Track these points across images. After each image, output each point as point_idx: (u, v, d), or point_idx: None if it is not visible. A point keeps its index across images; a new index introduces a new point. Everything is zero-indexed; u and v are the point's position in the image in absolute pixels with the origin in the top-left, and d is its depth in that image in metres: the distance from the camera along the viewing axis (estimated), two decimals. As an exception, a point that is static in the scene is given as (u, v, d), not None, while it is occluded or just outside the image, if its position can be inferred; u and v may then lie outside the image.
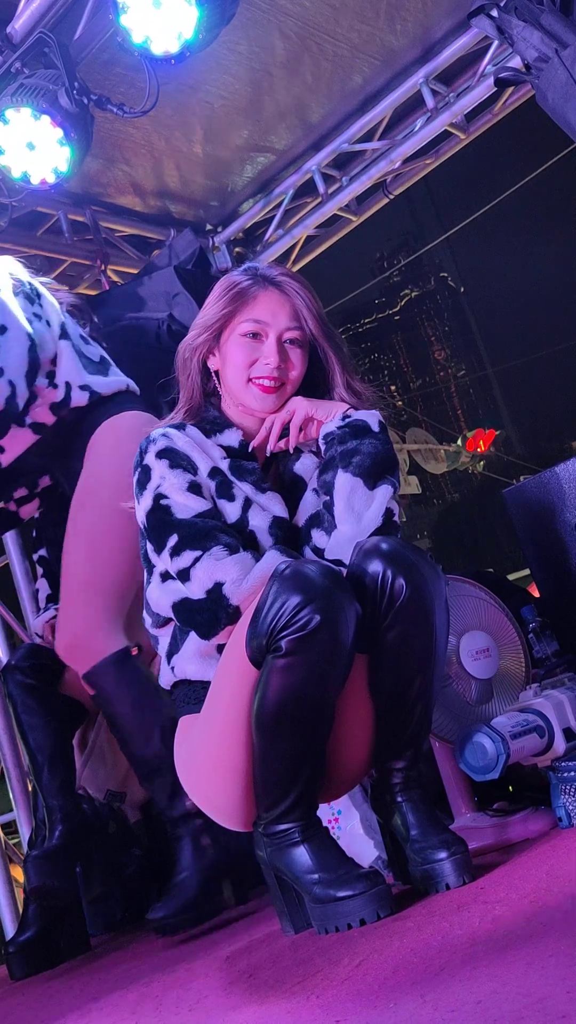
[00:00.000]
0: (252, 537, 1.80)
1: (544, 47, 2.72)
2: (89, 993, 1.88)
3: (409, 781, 1.72)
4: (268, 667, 1.55)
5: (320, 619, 1.52)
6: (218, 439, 1.90)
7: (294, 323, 1.90)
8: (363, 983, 1.19)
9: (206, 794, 1.75)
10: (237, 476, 1.85)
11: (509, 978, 1.00)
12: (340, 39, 3.72)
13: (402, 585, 1.63)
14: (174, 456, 1.82)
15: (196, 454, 1.84)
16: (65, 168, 3.30)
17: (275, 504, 1.86)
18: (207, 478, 1.83)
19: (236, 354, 1.89)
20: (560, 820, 1.77)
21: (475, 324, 53.29)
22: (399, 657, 1.67)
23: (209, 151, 4.16)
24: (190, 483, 1.80)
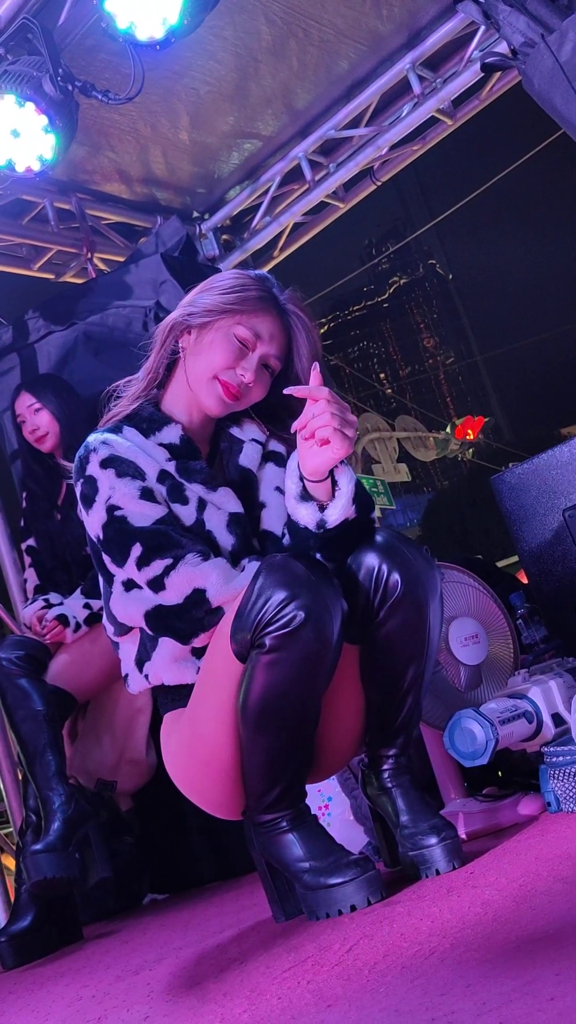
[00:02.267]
0: (210, 538, 1.77)
1: (530, 32, 2.71)
2: (81, 981, 1.89)
3: (399, 768, 1.73)
4: (253, 663, 1.55)
5: (304, 616, 1.50)
6: (158, 437, 1.85)
7: (278, 351, 1.87)
8: (353, 968, 1.19)
9: (196, 786, 1.75)
10: (186, 477, 1.81)
11: (498, 961, 1.01)
12: (326, 24, 3.70)
13: (397, 581, 1.63)
14: (119, 464, 1.77)
15: (141, 459, 1.80)
16: (50, 156, 3.27)
17: (229, 500, 1.81)
18: (156, 483, 1.79)
19: (219, 349, 1.84)
20: (549, 805, 1.78)
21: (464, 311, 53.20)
22: (391, 651, 1.67)
23: (195, 137, 4.14)
24: (142, 490, 1.76)
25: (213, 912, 2.21)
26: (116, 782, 2.86)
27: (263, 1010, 1.16)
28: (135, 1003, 1.48)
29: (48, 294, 4.03)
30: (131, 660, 1.82)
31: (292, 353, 1.89)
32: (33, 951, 2.44)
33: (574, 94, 2.66)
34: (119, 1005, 1.51)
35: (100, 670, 2.81)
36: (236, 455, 1.91)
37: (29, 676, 2.64)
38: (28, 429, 3.10)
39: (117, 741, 2.87)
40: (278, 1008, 1.14)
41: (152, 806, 2.94)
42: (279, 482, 1.87)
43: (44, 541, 3.07)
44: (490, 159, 45.94)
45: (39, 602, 2.89)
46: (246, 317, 1.84)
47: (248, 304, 1.85)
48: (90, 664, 2.79)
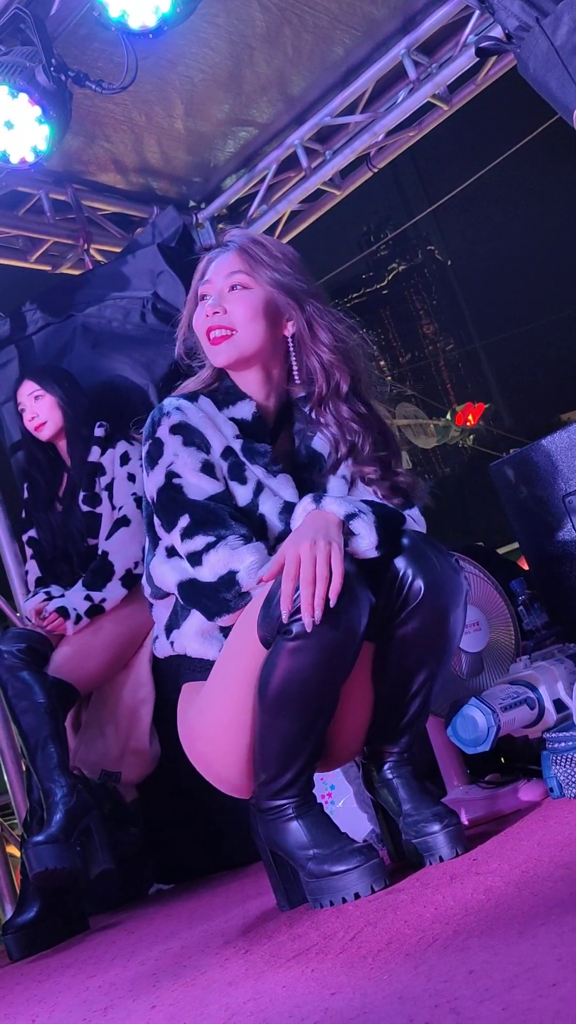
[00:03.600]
0: (261, 521, 1.77)
1: (525, 16, 2.69)
2: (87, 971, 1.89)
3: (400, 761, 1.73)
4: (277, 647, 1.55)
5: (333, 605, 1.51)
6: (231, 411, 1.85)
7: (234, 268, 1.86)
8: (357, 956, 1.20)
9: (207, 761, 1.75)
10: (249, 457, 1.81)
11: (501, 947, 1.01)
12: (320, 10, 3.68)
13: (420, 587, 1.62)
14: (188, 432, 1.78)
15: (210, 431, 1.80)
16: (44, 147, 3.25)
17: (286, 488, 1.80)
18: (219, 458, 1.79)
19: (194, 318, 1.88)
20: (551, 791, 1.78)
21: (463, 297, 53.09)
22: (406, 654, 1.67)
23: (190, 126, 4.12)
24: (203, 463, 1.76)
25: (218, 901, 2.22)
26: (120, 773, 2.86)
27: (267, 998, 1.16)
28: (141, 993, 1.49)
29: (45, 286, 4.02)
30: (162, 624, 1.84)
31: (253, 262, 1.86)
32: (39, 942, 2.45)
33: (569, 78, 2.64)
34: (125, 995, 1.52)
35: (102, 661, 2.82)
36: (311, 438, 1.90)
37: (30, 668, 2.64)
38: (28, 417, 3.10)
39: (121, 732, 2.88)
40: (282, 996, 1.15)
41: (157, 796, 2.95)
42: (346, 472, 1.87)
43: (45, 532, 3.07)
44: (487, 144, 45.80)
45: (40, 595, 2.89)
46: (200, 276, 1.90)
47: (201, 266, 1.90)
48: (92, 655, 2.79)
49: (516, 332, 46.07)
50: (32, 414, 3.08)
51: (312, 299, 1.87)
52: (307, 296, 1.87)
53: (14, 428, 3.52)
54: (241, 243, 1.88)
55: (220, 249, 1.91)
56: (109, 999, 1.54)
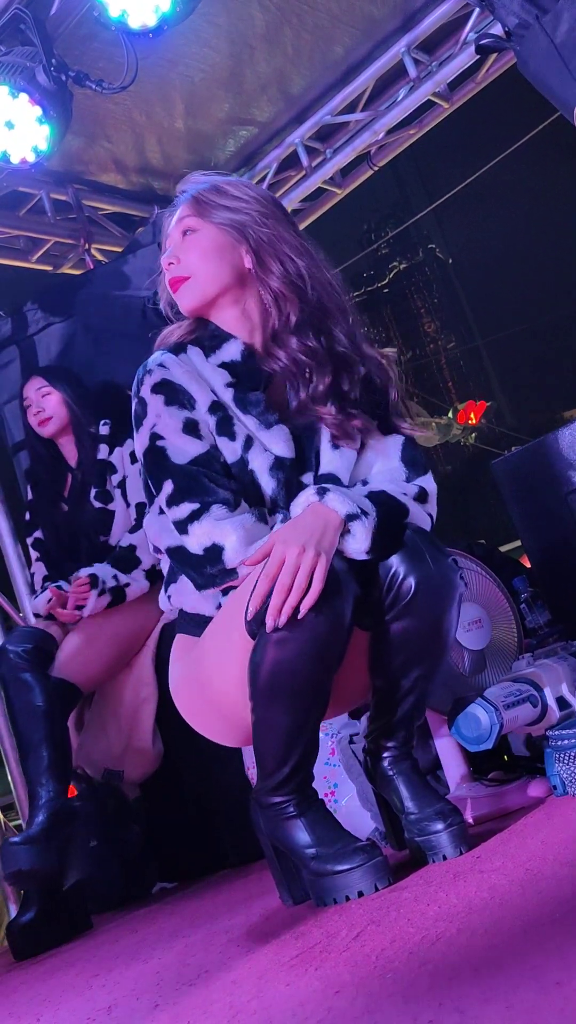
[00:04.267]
0: (252, 478, 1.73)
1: (525, 13, 2.69)
2: (90, 971, 1.89)
3: (399, 756, 1.73)
4: (263, 638, 1.54)
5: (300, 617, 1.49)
6: (219, 355, 1.79)
7: (183, 215, 1.85)
8: (361, 954, 1.20)
9: (197, 716, 1.78)
10: (241, 408, 1.75)
11: (505, 946, 1.01)
12: (320, 9, 3.68)
13: (411, 586, 1.60)
14: (170, 391, 1.74)
15: (195, 385, 1.75)
16: (45, 147, 3.26)
17: (279, 441, 1.75)
18: (207, 413, 1.75)
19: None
20: (555, 788, 1.78)
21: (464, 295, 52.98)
22: (397, 650, 1.65)
23: (191, 126, 4.12)
24: (185, 422, 1.72)
25: (221, 900, 2.22)
26: (123, 771, 2.87)
27: (271, 997, 1.16)
28: (144, 992, 1.49)
29: (46, 285, 4.02)
30: (165, 577, 1.83)
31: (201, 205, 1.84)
32: (43, 942, 2.45)
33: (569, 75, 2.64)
34: (128, 994, 1.52)
35: (105, 660, 2.82)
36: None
37: (34, 670, 2.64)
38: (33, 411, 3.11)
39: (123, 730, 2.88)
40: (286, 995, 1.15)
41: (160, 795, 2.95)
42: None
43: (50, 531, 3.08)
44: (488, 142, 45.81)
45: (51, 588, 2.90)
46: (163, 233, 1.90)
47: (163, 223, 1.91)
48: (95, 654, 2.80)
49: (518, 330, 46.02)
50: (38, 408, 3.10)
51: (261, 227, 1.81)
52: (255, 224, 1.81)
53: (16, 429, 3.53)
54: (194, 190, 1.87)
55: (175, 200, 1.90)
56: (113, 998, 1.54)
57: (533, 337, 45.73)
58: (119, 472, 3.02)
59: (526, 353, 46.69)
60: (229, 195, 1.84)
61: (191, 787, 2.86)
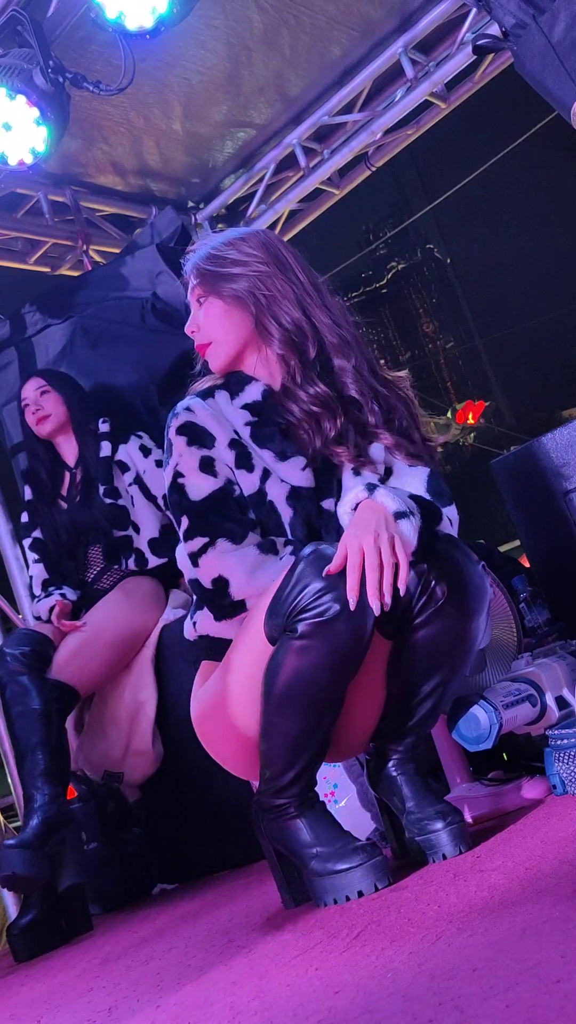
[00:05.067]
0: (271, 508, 1.79)
1: (521, 13, 2.70)
2: (91, 971, 1.90)
3: (405, 759, 1.73)
4: (283, 646, 1.56)
5: (339, 608, 1.52)
6: (242, 398, 1.88)
7: (192, 285, 1.96)
8: (361, 954, 1.20)
9: (216, 743, 1.78)
10: (259, 442, 1.83)
11: (504, 944, 1.01)
12: (317, 10, 3.68)
13: (444, 591, 1.62)
14: (192, 432, 1.83)
15: (218, 425, 1.84)
16: (43, 148, 3.26)
17: (295, 472, 1.81)
18: (226, 449, 1.82)
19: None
20: (554, 787, 1.78)
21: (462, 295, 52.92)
22: (421, 656, 1.66)
23: (188, 127, 4.12)
24: (202, 460, 1.80)
25: (222, 900, 2.22)
26: (123, 773, 2.87)
27: (271, 997, 1.16)
28: (145, 993, 1.49)
29: (44, 287, 4.02)
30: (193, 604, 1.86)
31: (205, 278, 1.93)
32: (44, 943, 2.45)
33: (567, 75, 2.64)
34: (129, 995, 1.52)
35: (104, 662, 2.82)
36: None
37: (31, 672, 2.65)
38: (31, 411, 3.12)
39: (123, 732, 2.88)
40: (286, 995, 1.15)
41: (160, 796, 2.95)
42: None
43: (50, 531, 3.08)
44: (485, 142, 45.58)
45: (55, 596, 2.91)
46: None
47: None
48: (94, 656, 2.80)
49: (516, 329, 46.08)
50: (36, 407, 3.11)
51: (261, 289, 1.88)
52: (255, 291, 1.89)
53: (15, 431, 3.53)
54: (195, 264, 1.96)
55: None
56: (113, 999, 1.54)
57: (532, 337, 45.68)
58: (132, 469, 3.06)
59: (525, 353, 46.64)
60: (225, 261, 1.92)
61: (191, 789, 2.86)
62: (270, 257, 1.93)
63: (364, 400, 1.87)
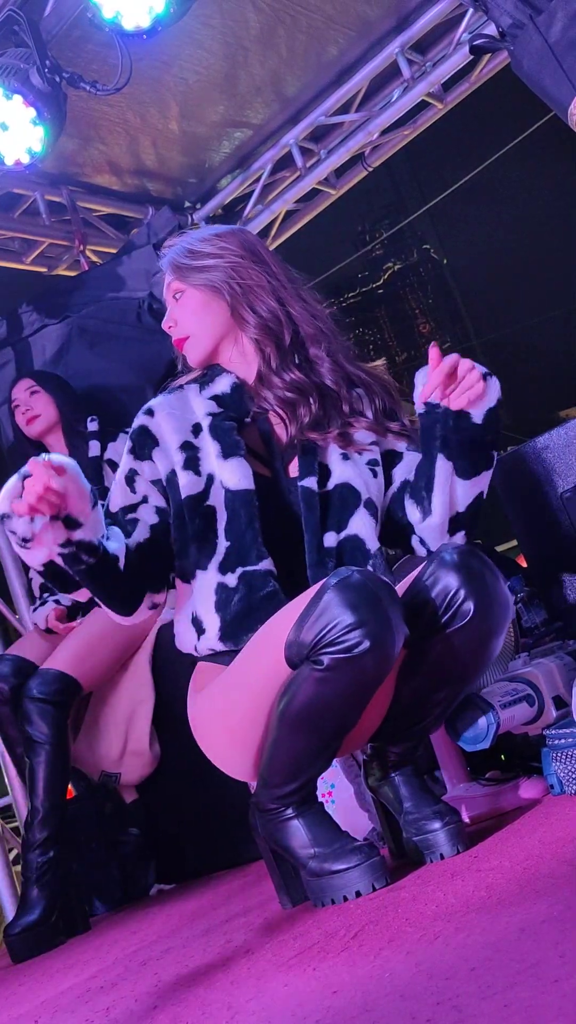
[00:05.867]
0: (210, 511, 1.79)
1: (518, 13, 2.70)
2: (89, 972, 1.89)
3: (403, 760, 1.73)
4: (304, 674, 1.53)
5: (369, 645, 1.48)
6: (211, 389, 1.90)
7: (169, 281, 1.97)
8: (359, 954, 1.20)
9: (214, 748, 1.77)
10: (213, 434, 1.84)
11: (502, 944, 1.01)
12: (314, 10, 3.68)
13: (469, 609, 1.59)
14: (139, 439, 1.86)
15: (174, 425, 1.85)
16: (39, 148, 3.26)
17: (234, 475, 1.80)
18: (176, 451, 1.83)
19: None
20: (552, 787, 1.78)
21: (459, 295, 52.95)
22: (437, 669, 1.65)
23: (185, 127, 4.12)
24: (128, 473, 1.84)
25: (219, 901, 2.22)
26: (120, 774, 2.86)
27: (269, 998, 1.16)
28: (143, 993, 1.49)
29: (41, 287, 4.02)
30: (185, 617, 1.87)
31: (180, 270, 1.95)
32: (42, 944, 2.45)
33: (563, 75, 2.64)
34: (127, 995, 1.52)
35: (102, 659, 2.82)
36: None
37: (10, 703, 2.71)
38: (21, 411, 3.12)
39: (120, 733, 2.88)
40: (284, 995, 1.15)
41: (157, 797, 2.95)
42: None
43: None
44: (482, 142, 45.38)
45: (50, 604, 2.91)
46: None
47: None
48: (93, 653, 2.79)
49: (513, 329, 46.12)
50: (26, 408, 3.11)
51: (236, 279, 1.91)
52: (229, 279, 1.91)
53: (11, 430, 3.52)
54: (171, 259, 1.98)
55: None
56: (111, 999, 1.54)
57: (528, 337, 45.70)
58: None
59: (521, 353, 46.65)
60: (201, 254, 1.94)
61: (188, 789, 2.86)
62: (245, 250, 1.96)
63: (340, 387, 1.90)
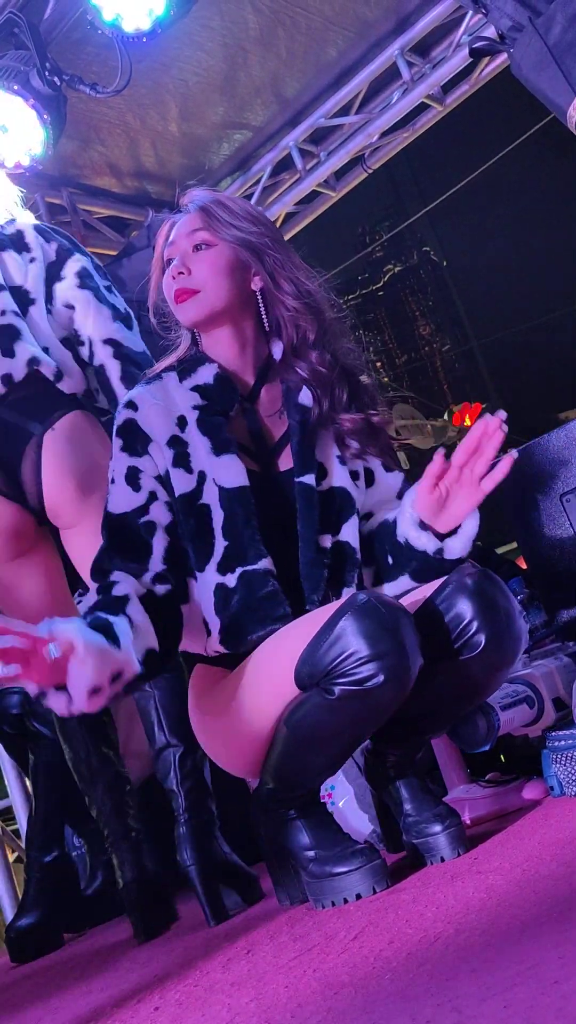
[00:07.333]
0: (204, 510, 1.72)
1: (518, 15, 2.70)
2: (90, 974, 1.89)
3: (403, 763, 1.73)
4: (314, 700, 1.52)
5: (384, 679, 1.45)
6: (192, 380, 1.81)
7: (196, 226, 1.83)
8: (360, 955, 1.20)
9: (217, 745, 1.76)
10: (202, 429, 1.76)
11: (502, 946, 1.01)
12: (313, 12, 3.69)
13: (481, 641, 1.56)
14: (127, 435, 1.76)
15: (160, 419, 1.76)
16: (40, 150, 3.27)
17: (227, 471, 1.73)
18: (165, 448, 1.75)
19: (163, 284, 1.85)
20: (552, 789, 1.78)
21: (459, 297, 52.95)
22: (444, 691, 1.63)
23: (185, 129, 4.12)
24: (128, 470, 1.74)
25: (220, 903, 2.21)
26: (121, 774, 2.86)
27: (270, 999, 1.16)
28: (144, 995, 1.49)
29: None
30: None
31: (213, 219, 1.83)
32: (42, 946, 2.45)
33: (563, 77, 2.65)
34: (128, 997, 1.52)
35: None
36: (296, 393, 1.84)
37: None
38: None
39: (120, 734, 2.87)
40: (285, 996, 1.15)
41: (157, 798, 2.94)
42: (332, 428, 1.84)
43: None
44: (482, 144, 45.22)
45: None
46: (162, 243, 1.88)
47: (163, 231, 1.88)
48: None
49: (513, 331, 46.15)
50: None
51: (274, 251, 1.83)
52: (269, 248, 1.83)
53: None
54: (202, 202, 1.86)
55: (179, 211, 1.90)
56: (113, 1001, 1.54)
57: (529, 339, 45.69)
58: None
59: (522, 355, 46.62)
60: (236, 214, 1.85)
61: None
62: (274, 227, 1.91)
63: (360, 383, 1.88)
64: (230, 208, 1.85)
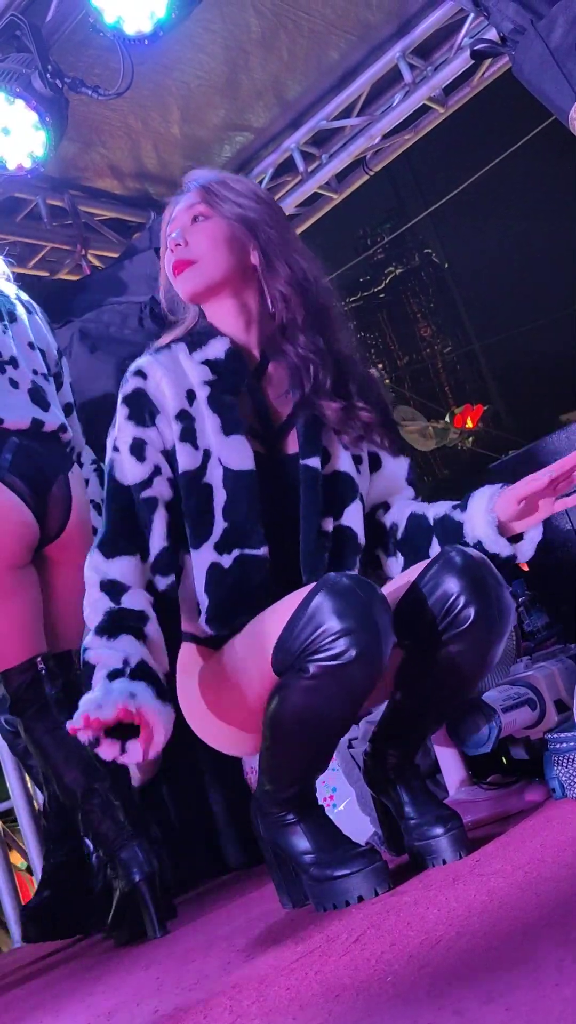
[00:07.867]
0: (207, 489, 1.71)
1: (519, 18, 2.70)
2: (91, 976, 1.89)
3: (404, 764, 1.73)
4: (290, 684, 1.51)
5: (356, 653, 1.44)
6: (203, 353, 1.79)
7: (194, 201, 1.84)
8: (361, 958, 1.19)
9: (208, 726, 1.75)
10: (212, 406, 1.74)
11: (504, 948, 1.01)
12: (315, 15, 3.69)
13: (470, 615, 1.55)
14: (135, 403, 1.74)
15: (170, 390, 1.74)
16: (41, 153, 3.27)
17: (233, 453, 1.72)
18: (173, 421, 1.73)
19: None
20: (553, 791, 1.78)
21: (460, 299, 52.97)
22: (435, 674, 1.62)
23: (187, 131, 4.13)
24: (134, 441, 1.72)
25: (221, 904, 2.22)
26: (121, 775, 2.86)
27: (271, 1001, 1.16)
28: (145, 997, 1.49)
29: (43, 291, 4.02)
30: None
31: (212, 195, 1.84)
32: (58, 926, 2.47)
33: (564, 80, 2.65)
34: (129, 999, 1.52)
35: None
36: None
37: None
38: None
39: (122, 737, 2.88)
40: (286, 999, 1.15)
41: (158, 802, 2.95)
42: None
43: None
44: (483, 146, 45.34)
45: None
46: (166, 222, 1.89)
47: (166, 213, 1.90)
48: None
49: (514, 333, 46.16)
50: None
51: (271, 228, 1.83)
52: (265, 225, 1.83)
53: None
54: (202, 181, 1.88)
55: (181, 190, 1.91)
56: (113, 1003, 1.54)
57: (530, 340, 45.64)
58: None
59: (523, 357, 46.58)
60: (237, 192, 1.85)
61: (190, 792, 2.86)
62: (277, 207, 1.92)
63: (352, 371, 1.86)
64: (231, 185, 1.87)
